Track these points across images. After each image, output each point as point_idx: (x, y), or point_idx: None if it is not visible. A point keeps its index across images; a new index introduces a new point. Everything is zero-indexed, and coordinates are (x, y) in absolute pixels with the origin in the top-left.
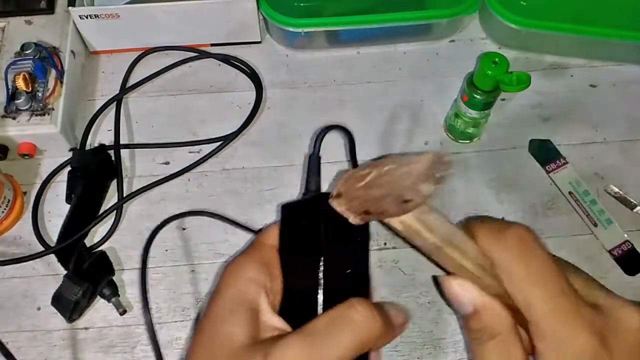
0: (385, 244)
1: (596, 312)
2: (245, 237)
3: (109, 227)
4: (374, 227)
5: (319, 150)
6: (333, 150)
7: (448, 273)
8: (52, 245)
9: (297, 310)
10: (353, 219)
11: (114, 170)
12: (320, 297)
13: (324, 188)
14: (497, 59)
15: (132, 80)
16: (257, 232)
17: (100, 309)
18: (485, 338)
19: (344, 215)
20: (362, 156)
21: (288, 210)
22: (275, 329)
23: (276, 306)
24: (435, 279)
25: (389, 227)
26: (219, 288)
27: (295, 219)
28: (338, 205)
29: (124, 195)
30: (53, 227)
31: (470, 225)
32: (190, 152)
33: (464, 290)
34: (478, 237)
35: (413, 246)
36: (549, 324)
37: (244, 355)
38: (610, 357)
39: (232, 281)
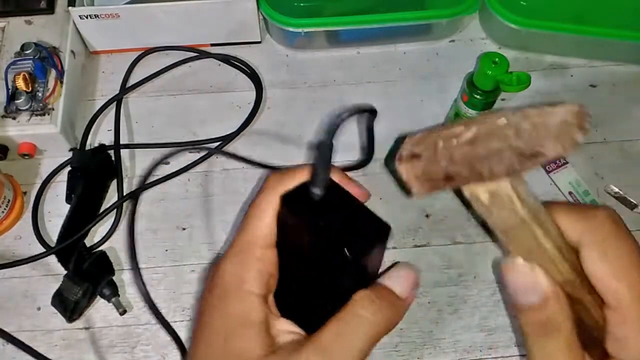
0: None
1: None
2: None
3: (109, 227)
4: None
5: (332, 137)
6: None
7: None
8: (52, 245)
9: (300, 305)
10: (418, 188)
11: (114, 170)
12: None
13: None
14: (497, 59)
15: (132, 80)
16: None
17: (100, 309)
18: (548, 332)
19: (409, 183)
20: (362, 156)
21: (290, 206)
22: (288, 333)
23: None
24: (499, 262)
25: (465, 198)
26: (221, 299)
27: (298, 217)
28: (409, 170)
29: (124, 195)
30: (53, 227)
31: (553, 205)
32: (190, 152)
33: (534, 277)
34: (563, 215)
35: (482, 224)
36: (635, 310)
37: None
38: None
39: (235, 296)
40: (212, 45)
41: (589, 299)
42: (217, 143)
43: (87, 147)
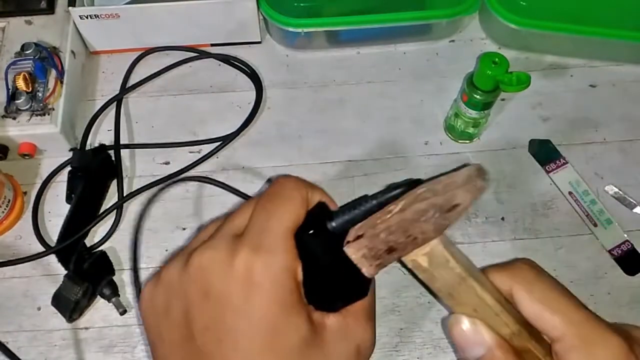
0: None
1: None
2: None
3: (109, 227)
4: None
5: (377, 201)
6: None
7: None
8: (52, 245)
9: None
10: (368, 269)
11: (114, 170)
12: None
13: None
14: (497, 59)
15: (132, 80)
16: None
17: (100, 309)
18: None
19: (358, 265)
20: (361, 156)
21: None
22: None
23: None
24: (444, 320)
25: (410, 267)
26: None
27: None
28: (355, 251)
29: (124, 195)
30: (53, 227)
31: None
32: (190, 152)
33: (477, 330)
34: (491, 273)
35: (427, 288)
36: (579, 332)
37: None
38: None
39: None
40: (212, 45)
41: (536, 346)
42: (217, 143)
43: (88, 147)
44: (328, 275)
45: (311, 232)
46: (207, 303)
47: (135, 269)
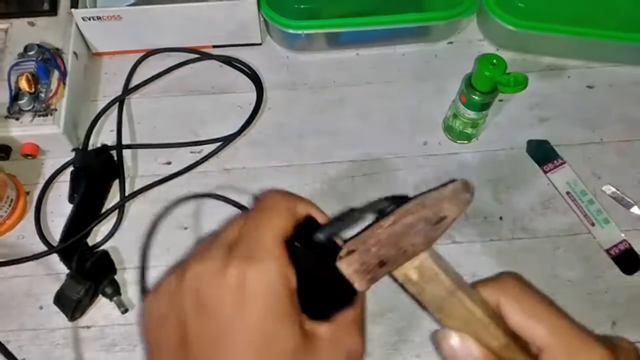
0: None
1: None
2: None
3: (111, 226)
4: None
5: (366, 211)
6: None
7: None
8: (55, 244)
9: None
10: (359, 283)
11: (116, 171)
12: None
13: None
14: (494, 61)
15: (134, 82)
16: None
17: (102, 308)
18: None
19: (350, 279)
20: (361, 156)
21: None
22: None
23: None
24: (433, 335)
25: (400, 281)
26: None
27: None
28: (347, 266)
29: (126, 195)
30: (55, 227)
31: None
32: (191, 153)
33: (465, 346)
34: (479, 287)
35: (417, 301)
36: (564, 342)
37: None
38: None
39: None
40: (214, 47)
41: (525, 359)
42: (218, 143)
43: (90, 148)
44: (319, 286)
45: (297, 243)
46: (202, 313)
47: (142, 269)
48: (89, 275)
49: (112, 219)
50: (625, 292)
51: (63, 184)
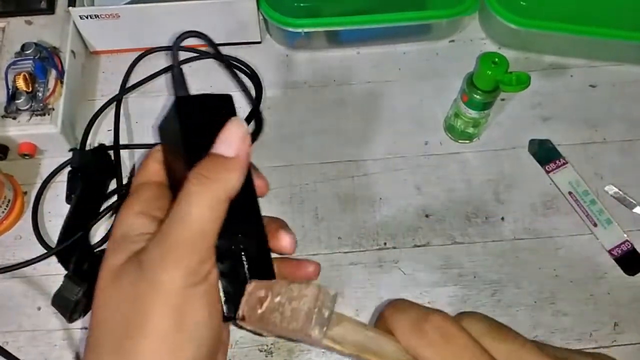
0: (385, 243)
1: None
2: None
3: (109, 227)
4: (375, 227)
5: (178, 60)
6: None
7: None
8: (52, 245)
9: None
10: (267, 335)
11: (114, 171)
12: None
13: None
14: (496, 59)
15: (132, 81)
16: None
17: None
18: None
19: (256, 332)
20: (361, 156)
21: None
22: (141, 234)
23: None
24: None
25: None
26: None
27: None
28: (247, 326)
29: (124, 195)
30: (53, 227)
31: (387, 319)
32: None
33: None
34: (397, 334)
35: None
36: None
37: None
38: None
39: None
40: None
41: None
42: None
43: (87, 147)
44: None
45: None
46: None
47: None
48: (87, 276)
49: (110, 220)
50: (627, 293)
51: (61, 184)
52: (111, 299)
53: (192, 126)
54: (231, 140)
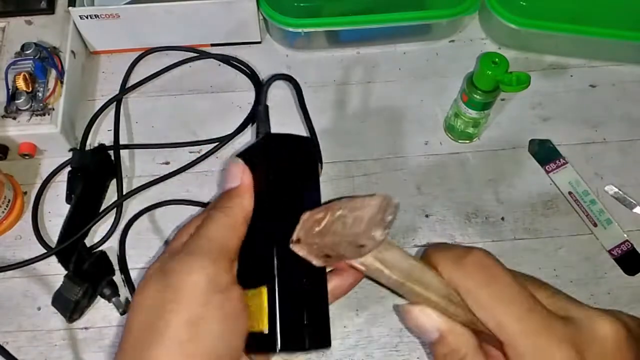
0: None
1: (569, 324)
2: None
3: (109, 227)
4: None
5: (265, 100)
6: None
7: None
8: (52, 245)
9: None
10: (316, 262)
11: (114, 171)
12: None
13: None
14: (496, 59)
15: (132, 81)
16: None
17: (100, 309)
18: None
19: (307, 258)
20: (361, 156)
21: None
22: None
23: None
24: (396, 309)
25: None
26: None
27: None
28: (299, 250)
29: (123, 194)
30: (53, 227)
31: (430, 255)
32: (190, 152)
33: (426, 317)
34: (439, 267)
35: (379, 283)
36: (523, 343)
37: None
38: None
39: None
40: (212, 45)
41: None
42: (216, 144)
43: (87, 147)
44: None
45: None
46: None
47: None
48: (87, 276)
49: (109, 220)
50: (627, 293)
51: (61, 184)
52: (139, 305)
53: (277, 164)
54: (233, 175)
